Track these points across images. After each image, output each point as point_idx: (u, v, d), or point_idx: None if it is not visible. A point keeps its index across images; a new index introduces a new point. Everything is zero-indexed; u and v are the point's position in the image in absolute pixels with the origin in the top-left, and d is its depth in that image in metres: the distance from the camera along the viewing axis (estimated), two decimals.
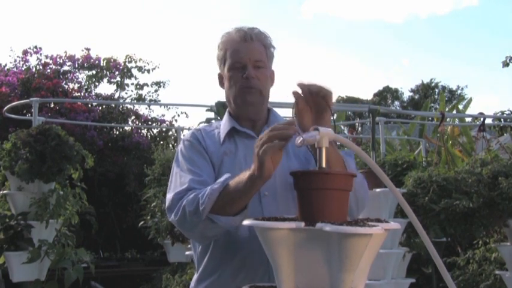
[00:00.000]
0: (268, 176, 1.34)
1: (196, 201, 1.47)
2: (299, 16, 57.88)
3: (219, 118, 3.70)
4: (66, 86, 8.74)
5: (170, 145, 7.75)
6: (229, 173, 1.49)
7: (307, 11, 59.09)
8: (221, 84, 1.76)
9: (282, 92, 1.85)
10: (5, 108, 5.53)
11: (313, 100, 1.42)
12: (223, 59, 1.71)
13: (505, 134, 6.21)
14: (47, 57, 8.89)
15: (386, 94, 37.36)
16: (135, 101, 9.50)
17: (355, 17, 58.46)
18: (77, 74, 9.21)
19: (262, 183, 1.38)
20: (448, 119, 7.24)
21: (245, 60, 1.66)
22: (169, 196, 1.59)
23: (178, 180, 1.61)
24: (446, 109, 9.71)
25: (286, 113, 2.72)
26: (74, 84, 9.08)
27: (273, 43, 1.74)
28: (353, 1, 58.90)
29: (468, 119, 9.06)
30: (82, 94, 8.97)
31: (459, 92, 34.23)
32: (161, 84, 9.86)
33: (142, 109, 9.30)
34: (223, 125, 1.74)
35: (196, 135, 1.72)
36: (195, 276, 1.71)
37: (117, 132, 8.43)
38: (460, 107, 11.14)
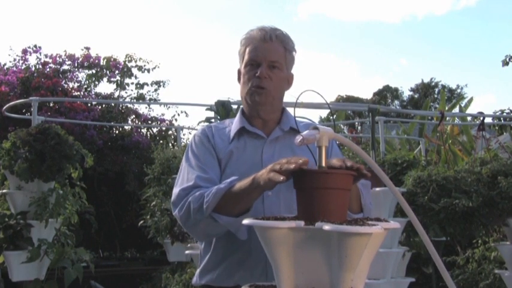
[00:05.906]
0: (268, 188, 1.38)
1: (201, 199, 1.50)
2: (296, 17, 57.84)
3: (218, 117, 3.69)
4: (66, 85, 8.71)
5: (170, 144, 7.73)
6: (235, 172, 1.53)
7: (304, 12, 59.05)
8: (238, 80, 1.78)
9: None
10: (5, 107, 5.53)
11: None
12: (243, 55, 1.73)
13: (504, 133, 6.20)
14: (46, 56, 8.86)
15: (386, 93, 37.28)
16: (135, 100, 9.48)
17: (352, 17, 58.54)
18: (77, 73, 9.18)
19: (262, 191, 1.42)
20: (448, 118, 7.22)
21: (261, 59, 1.67)
22: (175, 191, 1.62)
23: (185, 175, 1.64)
24: (446, 108, 9.70)
25: None
26: (74, 83, 9.05)
27: (295, 47, 1.74)
28: (350, 2, 58.92)
29: (468, 118, 9.04)
30: (82, 93, 8.94)
31: (459, 91, 34.20)
32: (161, 83, 9.84)
33: (142, 108, 9.27)
34: (235, 123, 1.76)
35: (206, 132, 1.74)
36: (198, 270, 1.74)
37: (117, 132, 8.41)
38: (461, 105, 11.12)
